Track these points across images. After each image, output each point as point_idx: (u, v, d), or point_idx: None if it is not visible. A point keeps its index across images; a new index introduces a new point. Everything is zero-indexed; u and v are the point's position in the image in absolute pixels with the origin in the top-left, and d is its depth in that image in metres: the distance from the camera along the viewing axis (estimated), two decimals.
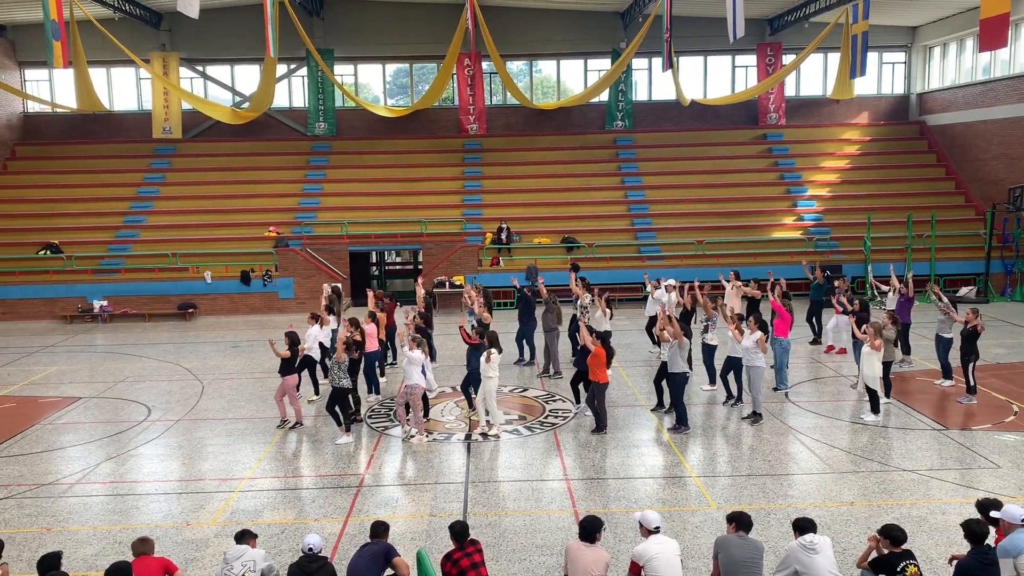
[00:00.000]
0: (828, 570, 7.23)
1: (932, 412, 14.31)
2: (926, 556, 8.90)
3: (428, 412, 14.40)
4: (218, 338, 22.71)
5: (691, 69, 33.40)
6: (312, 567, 7.55)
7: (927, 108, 32.84)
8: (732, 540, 7.41)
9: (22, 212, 29.69)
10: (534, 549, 9.44)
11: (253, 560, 7.83)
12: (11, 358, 20.56)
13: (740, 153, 32.28)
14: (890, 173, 31.06)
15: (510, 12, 31.86)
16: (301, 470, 12.35)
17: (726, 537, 7.49)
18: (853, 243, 27.63)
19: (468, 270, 26.63)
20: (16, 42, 32.24)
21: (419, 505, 10.80)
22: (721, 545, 7.40)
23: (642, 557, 7.28)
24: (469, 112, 31.90)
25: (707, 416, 14.42)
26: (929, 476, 11.37)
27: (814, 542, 7.32)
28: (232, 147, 32.38)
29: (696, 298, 17.38)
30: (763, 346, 13.52)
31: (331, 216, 29.33)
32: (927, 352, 17.93)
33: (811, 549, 7.28)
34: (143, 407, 15.69)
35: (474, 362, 13.99)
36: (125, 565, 7.21)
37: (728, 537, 7.47)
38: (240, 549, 7.91)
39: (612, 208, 30.05)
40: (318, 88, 32.37)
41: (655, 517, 7.59)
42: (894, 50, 33.42)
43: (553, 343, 17.19)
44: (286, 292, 26.51)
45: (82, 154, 32.13)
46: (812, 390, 16.01)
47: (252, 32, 29.87)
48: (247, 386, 17.07)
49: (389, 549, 7.80)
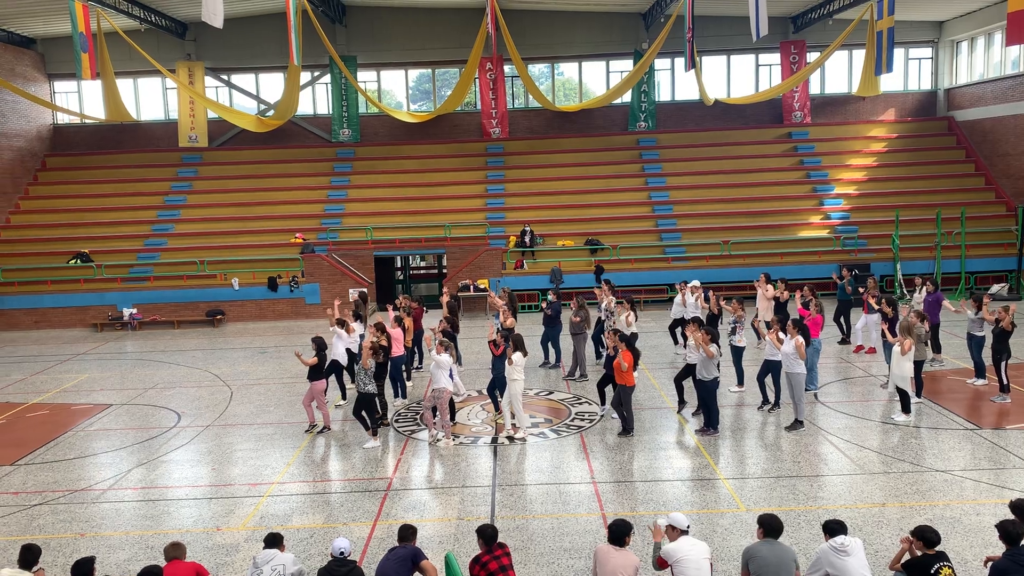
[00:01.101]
0: (860, 573, 7.15)
1: (965, 411, 14.11)
2: (960, 558, 8.77)
3: (455, 416, 14.42)
4: (246, 344, 22.90)
5: (714, 68, 33.22)
6: (341, 571, 7.58)
7: (955, 103, 32.41)
8: (762, 547, 7.28)
9: (53, 222, 30.15)
10: (562, 552, 9.42)
11: (283, 564, 7.85)
12: (44, 366, 20.87)
13: (765, 152, 32.04)
14: (918, 170, 30.70)
15: (531, 15, 31.89)
16: (329, 474, 12.41)
17: (755, 545, 7.36)
18: (881, 241, 27.31)
19: (492, 273, 26.66)
20: (46, 55, 32.78)
21: (447, 509, 10.82)
22: (751, 553, 7.26)
23: (672, 556, 7.26)
24: (491, 116, 31.96)
25: (735, 418, 14.31)
26: (962, 476, 11.21)
27: (845, 544, 7.23)
28: (257, 155, 32.68)
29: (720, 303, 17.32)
30: (802, 352, 13.21)
31: (356, 222, 29.51)
32: (958, 351, 17.69)
33: (843, 551, 7.19)
34: (173, 413, 15.85)
35: (499, 366, 13.99)
36: (156, 569, 7.28)
37: (757, 545, 7.34)
38: (270, 554, 7.93)
39: (636, 209, 29.94)
40: (342, 95, 32.58)
41: (683, 518, 7.57)
42: (920, 45, 33.02)
43: (580, 346, 17.15)
44: (313, 298, 26.69)
45: (111, 164, 32.58)
46: (841, 390, 15.85)
47: (276, 40, 30.17)
48: (275, 391, 17.20)
49: (417, 553, 7.81)
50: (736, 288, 25.48)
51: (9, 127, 30.60)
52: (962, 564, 8.64)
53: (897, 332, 13.96)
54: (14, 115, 30.85)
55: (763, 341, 16.36)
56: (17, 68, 30.99)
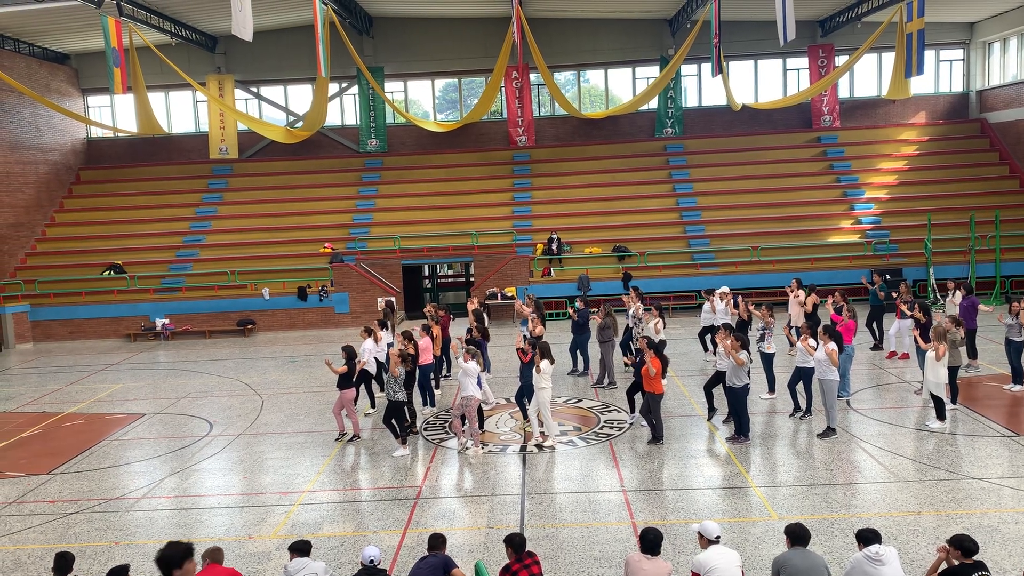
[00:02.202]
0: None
1: (1003, 418, 13.86)
2: (999, 567, 8.60)
3: (483, 424, 14.42)
4: (276, 353, 23.09)
5: (741, 73, 33.05)
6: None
7: (988, 105, 31.95)
8: (793, 555, 7.20)
9: (87, 234, 30.63)
10: (592, 561, 9.37)
11: (315, 573, 7.86)
12: (79, 376, 21.19)
13: (794, 157, 31.78)
14: (950, 173, 30.27)
15: (557, 23, 31.94)
16: (359, 483, 12.47)
17: (786, 553, 7.28)
18: (913, 246, 26.95)
19: (519, 281, 26.67)
20: (79, 70, 33.38)
21: (476, 517, 10.81)
22: (781, 562, 7.20)
23: (703, 567, 7.17)
24: (518, 124, 32.02)
25: (767, 425, 14.17)
26: (1000, 484, 11.00)
27: (880, 553, 7.09)
28: (287, 166, 33.00)
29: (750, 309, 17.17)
30: (834, 359, 13.04)
31: (384, 231, 29.67)
32: (995, 356, 17.40)
33: (877, 560, 7.06)
34: (205, 422, 16.01)
35: (528, 374, 13.98)
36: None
37: (788, 553, 7.26)
38: (301, 562, 7.93)
39: (664, 216, 29.81)
40: (369, 105, 32.83)
41: (715, 527, 7.49)
42: (951, 47, 32.60)
43: (608, 353, 17.09)
44: (342, 307, 26.86)
45: (143, 176, 33.06)
46: (875, 396, 15.64)
47: (304, 53, 30.46)
48: (305, 400, 17.31)
49: (448, 561, 7.81)
50: (766, 294, 25.30)
51: (45, 141, 31.18)
52: (1001, 574, 8.48)
53: (931, 337, 13.75)
54: (49, 129, 31.44)
55: (795, 348, 16.22)
56: (52, 83, 31.59)
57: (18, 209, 29.51)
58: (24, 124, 29.87)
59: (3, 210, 28.66)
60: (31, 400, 18.77)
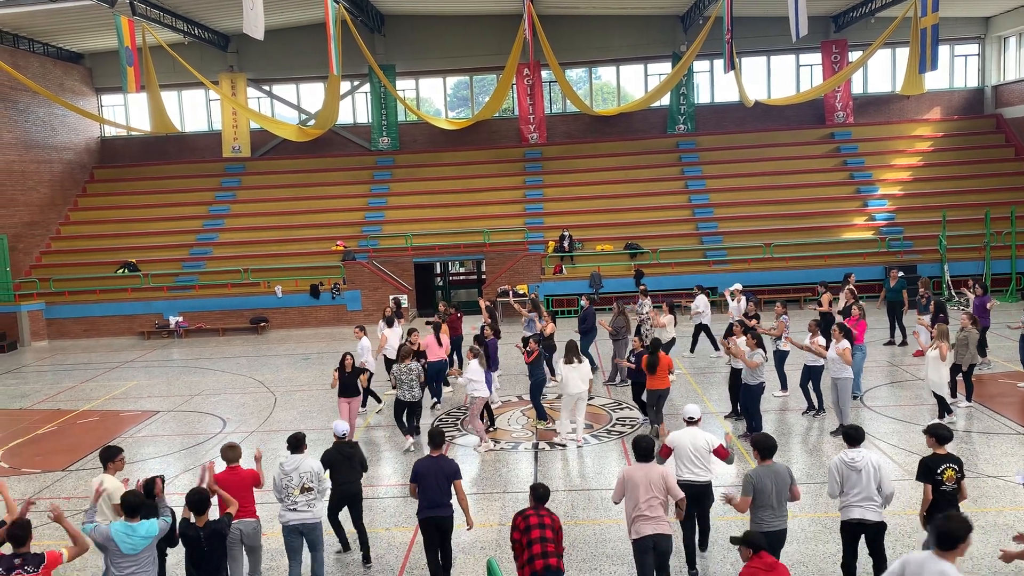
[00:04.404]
0: (868, 490, 7.76)
1: (1018, 415, 13.75)
2: (1017, 567, 8.52)
3: (493, 421, 14.41)
4: (289, 351, 23.18)
5: (754, 70, 32.91)
6: (348, 450, 9.29)
7: (1003, 100, 31.69)
8: (760, 469, 7.79)
9: (101, 232, 30.83)
10: (604, 559, 9.37)
11: (313, 472, 8.58)
12: (93, 373, 21.33)
13: (807, 153, 31.63)
14: (965, 169, 30.07)
15: (568, 20, 31.88)
16: (371, 480, 12.47)
17: (754, 469, 7.89)
18: (928, 242, 26.78)
19: (531, 279, 26.66)
20: (93, 69, 33.57)
21: (488, 514, 10.82)
22: (752, 476, 7.72)
23: (672, 442, 8.89)
24: (529, 121, 32.00)
25: (779, 423, 14.12)
26: (1016, 482, 10.91)
27: (855, 460, 7.80)
28: (299, 164, 33.10)
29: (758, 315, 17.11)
30: (847, 358, 12.94)
31: (396, 229, 29.71)
32: (1009, 353, 17.26)
33: (852, 467, 7.80)
34: (218, 419, 16.09)
35: (538, 372, 14.03)
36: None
37: (756, 468, 7.87)
38: (296, 459, 8.65)
39: (676, 213, 29.72)
40: (381, 103, 32.87)
41: (694, 409, 9.13)
42: (966, 42, 32.36)
43: (620, 351, 17.06)
44: (354, 304, 26.93)
45: (156, 175, 33.23)
46: (889, 394, 15.56)
47: (316, 51, 30.48)
48: (318, 397, 17.36)
49: (457, 471, 8.74)
50: (779, 291, 25.21)
51: (59, 140, 31.38)
52: (1018, 573, 8.42)
53: (933, 337, 13.58)
54: (64, 128, 31.64)
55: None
56: (66, 83, 31.79)
57: (33, 208, 29.72)
58: (39, 123, 30.08)
59: (18, 209, 28.86)
60: (46, 397, 18.92)
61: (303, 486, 8.54)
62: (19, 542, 6.51)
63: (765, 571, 6.26)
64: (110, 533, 7.03)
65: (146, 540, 7.09)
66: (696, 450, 8.71)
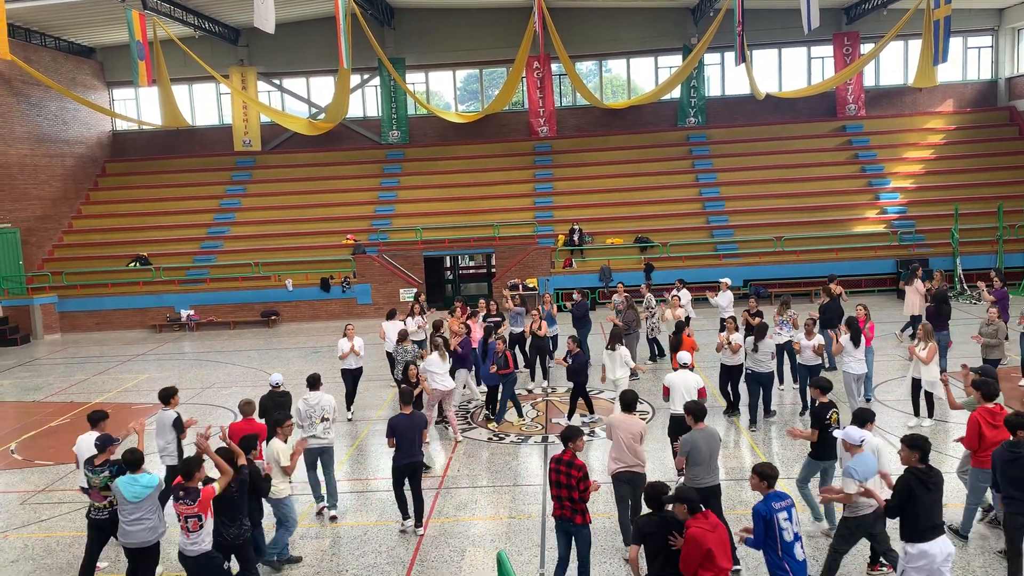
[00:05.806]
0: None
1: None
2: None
3: (502, 415, 14.39)
4: (300, 344, 23.25)
5: (765, 62, 32.76)
6: (281, 399, 11.08)
7: (1017, 92, 31.45)
8: (694, 433, 8.58)
9: (113, 226, 30.99)
10: (613, 551, 9.38)
11: (328, 406, 10.39)
12: (106, 366, 21.45)
13: (819, 146, 31.49)
14: (978, 162, 29.86)
15: (578, 13, 31.80)
16: (381, 472, 12.52)
17: (688, 434, 8.61)
18: (940, 236, 26.62)
19: (541, 272, 26.65)
20: (104, 64, 33.69)
21: (498, 507, 10.84)
22: (686, 442, 8.56)
23: (667, 382, 10.90)
24: (539, 114, 31.95)
25: (790, 416, 14.07)
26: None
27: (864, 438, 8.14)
28: (309, 157, 33.15)
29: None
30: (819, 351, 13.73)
31: (406, 222, 29.75)
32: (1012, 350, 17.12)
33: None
34: (230, 412, 16.15)
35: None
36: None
37: (690, 433, 8.61)
38: (317, 396, 10.42)
39: (686, 206, 29.66)
40: (391, 97, 32.87)
41: (686, 357, 11.22)
42: (979, 34, 32.13)
43: (631, 344, 17.04)
44: (364, 298, 27.00)
45: (168, 168, 33.37)
46: (899, 387, 15.47)
47: (326, 45, 30.57)
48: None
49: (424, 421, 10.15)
50: (789, 285, 25.12)
51: (71, 134, 31.52)
52: None
53: (920, 338, 12.88)
54: (75, 123, 31.78)
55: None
56: (78, 77, 31.91)
57: (45, 202, 29.88)
58: (50, 117, 30.21)
59: (31, 202, 29.02)
60: (59, 390, 19.05)
61: (323, 416, 10.34)
62: (187, 475, 7.79)
63: (710, 530, 6.67)
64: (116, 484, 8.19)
65: (147, 489, 8.11)
66: (687, 390, 10.63)
